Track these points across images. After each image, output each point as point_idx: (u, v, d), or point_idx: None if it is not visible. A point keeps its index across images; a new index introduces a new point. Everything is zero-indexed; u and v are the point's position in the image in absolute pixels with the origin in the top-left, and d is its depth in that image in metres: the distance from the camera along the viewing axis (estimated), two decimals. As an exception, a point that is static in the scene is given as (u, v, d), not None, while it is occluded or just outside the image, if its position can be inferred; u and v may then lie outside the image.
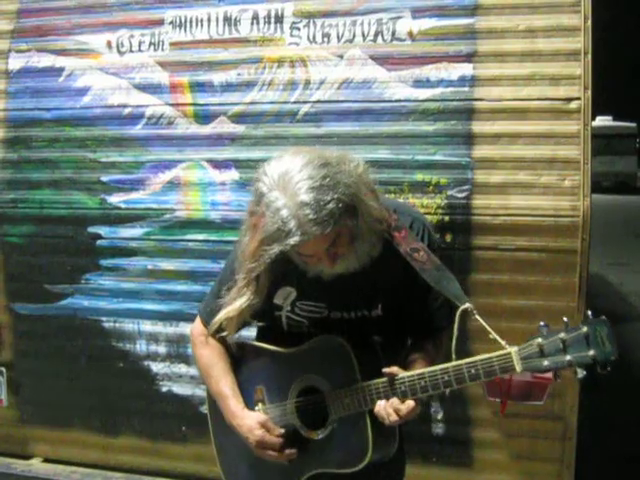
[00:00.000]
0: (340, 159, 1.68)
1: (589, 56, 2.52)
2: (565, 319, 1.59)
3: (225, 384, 1.94)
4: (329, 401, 1.83)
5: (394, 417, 1.70)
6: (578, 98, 2.52)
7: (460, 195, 2.59)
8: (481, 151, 2.59)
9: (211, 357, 1.99)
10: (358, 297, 1.85)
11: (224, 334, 1.92)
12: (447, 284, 1.76)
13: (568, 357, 1.56)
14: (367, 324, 1.87)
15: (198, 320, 2.04)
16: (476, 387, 2.62)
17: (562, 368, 1.58)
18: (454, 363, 1.69)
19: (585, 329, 1.54)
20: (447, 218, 2.59)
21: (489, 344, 1.68)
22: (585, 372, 1.58)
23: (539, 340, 1.58)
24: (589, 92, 2.52)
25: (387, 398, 1.73)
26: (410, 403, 1.70)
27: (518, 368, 1.61)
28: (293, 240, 1.56)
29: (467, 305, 1.72)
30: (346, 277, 1.75)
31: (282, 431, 1.86)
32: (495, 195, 2.57)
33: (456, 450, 2.75)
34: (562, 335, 1.56)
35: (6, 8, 3.15)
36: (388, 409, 1.71)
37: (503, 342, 1.65)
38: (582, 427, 2.67)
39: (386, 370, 1.72)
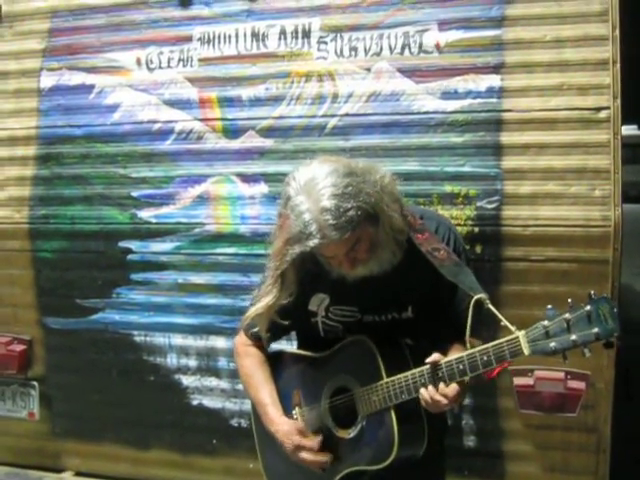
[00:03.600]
0: (366, 170, 1.76)
1: (617, 65, 2.50)
2: (569, 300, 1.63)
3: (264, 392, 2.01)
4: (358, 399, 1.90)
5: (444, 401, 1.74)
6: (607, 107, 2.50)
7: (490, 206, 2.58)
8: (510, 162, 2.58)
9: (251, 367, 2.06)
10: (388, 300, 1.91)
11: (255, 330, 1.97)
12: (464, 278, 1.83)
13: (573, 336, 1.60)
14: (398, 327, 1.93)
15: (241, 332, 2.11)
16: (508, 399, 2.62)
17: (568, 348, 1.62)
18: (468, 352, 1.74)
19: (588, 307, 1.59)
20: (477, 229, 2.58)
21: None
22: (591, 352, 1.61)
23: (544, 322, 1.64)
24: (618, 101, 2.50)
25: (409, 393, 1.80)
26: (455, 386, 1.75)
27: (526, 351, 1.66)
28: (313, 242, 1.65)
29: (480, 295, 1.77)
30: (376, 281, 1.82)
31: (319, 439, 1.91)
32: (525, 206, 2.56)
33: (488, 463, 2.73)
34: (566, 315, 1.61)
35: (38, 27, 3.20)
36: (437, 396, 1.74)
37: (513, 327, 1.70)
38: (615, 439, 2.64)
39: (429, 359, 1.76)
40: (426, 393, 1.76)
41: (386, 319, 1.93)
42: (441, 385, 1.75)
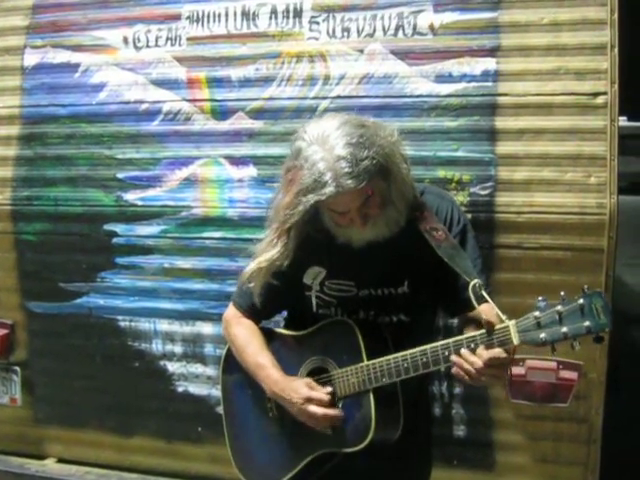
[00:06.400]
0: (376, 125, 1.78)
1: (616, 50, 2.46)
2: (562, 293, 1.62)
3: (263, 357, 1.98)
4: (336, 381, 1.89)
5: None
6: (604, 93, 2.46)
7: (483, 192, 2.54)
8: (505, 147, 2.53)
9: (247, 334, 2.04)
10: (385, 273, 1.90)
11: (250, 285, 1.92)
12: (459, 261, 1.83)
13: (564, 329, 1.60)
14: (394, 302, 1.92)
15: (231, 305, 2.11)
16: (499, 389, 2.58)
17: (558, 340, 1.62)
18: (454, 338, 1.74)
19: (581, 301, 1.59)
20: (470, 216, 2.51)
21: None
22: (580, 345, 1.62)
23: (536, 313, 1.63)
24: (616, 87, 2.45)
25: (390, 376, 1.79)
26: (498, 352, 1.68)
27: (515, 340, 1.65)
28: (328, 190, 1.64)
29: (475, 281, 1.76)
30: (373, 253, 1.82)
31: (329, 389, 1.88)
32: (519, 192, 2.52)
33: (478, 453, 2.70)
34: (558, 308, 1.61)
35: (22, 4, 3.10)
36: (472, 358, 1.67)
37: (504, 316, 1.68)
38: (606, 429, 2.61)
39: (486, 319, 1.69)
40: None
41: (382, 293, 1.91)
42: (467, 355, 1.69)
